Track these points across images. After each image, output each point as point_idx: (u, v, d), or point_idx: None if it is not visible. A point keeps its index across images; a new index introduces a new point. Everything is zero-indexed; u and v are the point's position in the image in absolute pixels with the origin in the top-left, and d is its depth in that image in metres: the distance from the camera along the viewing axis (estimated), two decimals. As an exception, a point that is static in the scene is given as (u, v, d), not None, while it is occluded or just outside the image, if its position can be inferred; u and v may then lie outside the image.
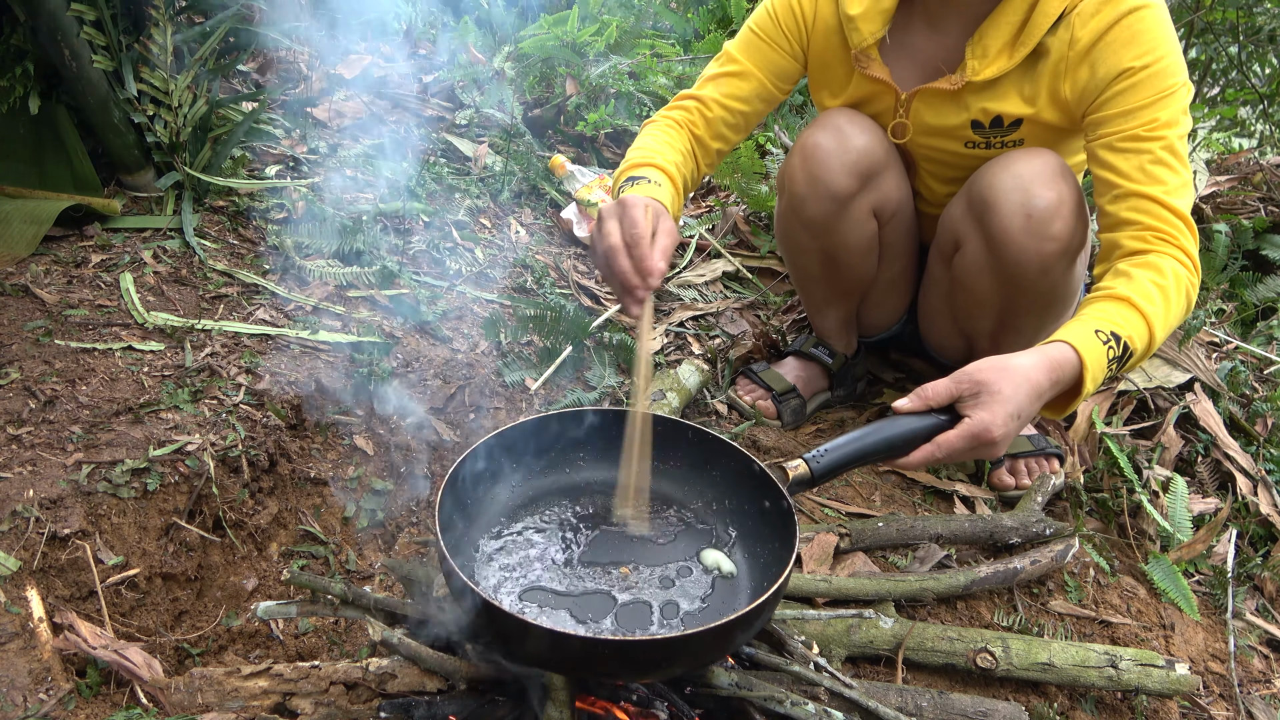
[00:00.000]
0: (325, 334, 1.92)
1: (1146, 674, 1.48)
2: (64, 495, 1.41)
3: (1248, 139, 4.50)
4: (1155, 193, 1.44)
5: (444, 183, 2.64)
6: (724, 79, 1.80)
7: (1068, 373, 1.29)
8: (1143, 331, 1.35)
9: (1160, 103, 1.46)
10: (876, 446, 1.23)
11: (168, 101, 2.12)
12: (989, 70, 1.60)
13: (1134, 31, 1.48)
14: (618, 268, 1.36)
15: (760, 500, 1.35)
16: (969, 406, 1.22)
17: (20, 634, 1.24)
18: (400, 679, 1.22)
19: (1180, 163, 1.47)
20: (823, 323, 2.11)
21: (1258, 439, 2.11)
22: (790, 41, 1.79)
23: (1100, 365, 1.30)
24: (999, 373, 1.22)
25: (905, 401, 1.25)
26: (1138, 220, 1.45)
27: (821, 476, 1.23)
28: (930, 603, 1.65)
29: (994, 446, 1.22)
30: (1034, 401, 1.25)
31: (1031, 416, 1.26)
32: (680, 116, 1.79)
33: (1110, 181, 1.49)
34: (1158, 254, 1.42)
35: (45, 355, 1.66)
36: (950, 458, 1.23)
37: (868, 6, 1.66)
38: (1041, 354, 1.28)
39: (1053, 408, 1.36)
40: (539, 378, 2.04)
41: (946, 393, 1.23)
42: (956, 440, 1.21)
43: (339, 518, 1.73)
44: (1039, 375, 1.25)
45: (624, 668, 1.13)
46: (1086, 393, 1.31)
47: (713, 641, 1.11)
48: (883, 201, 1.83)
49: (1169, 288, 1.39)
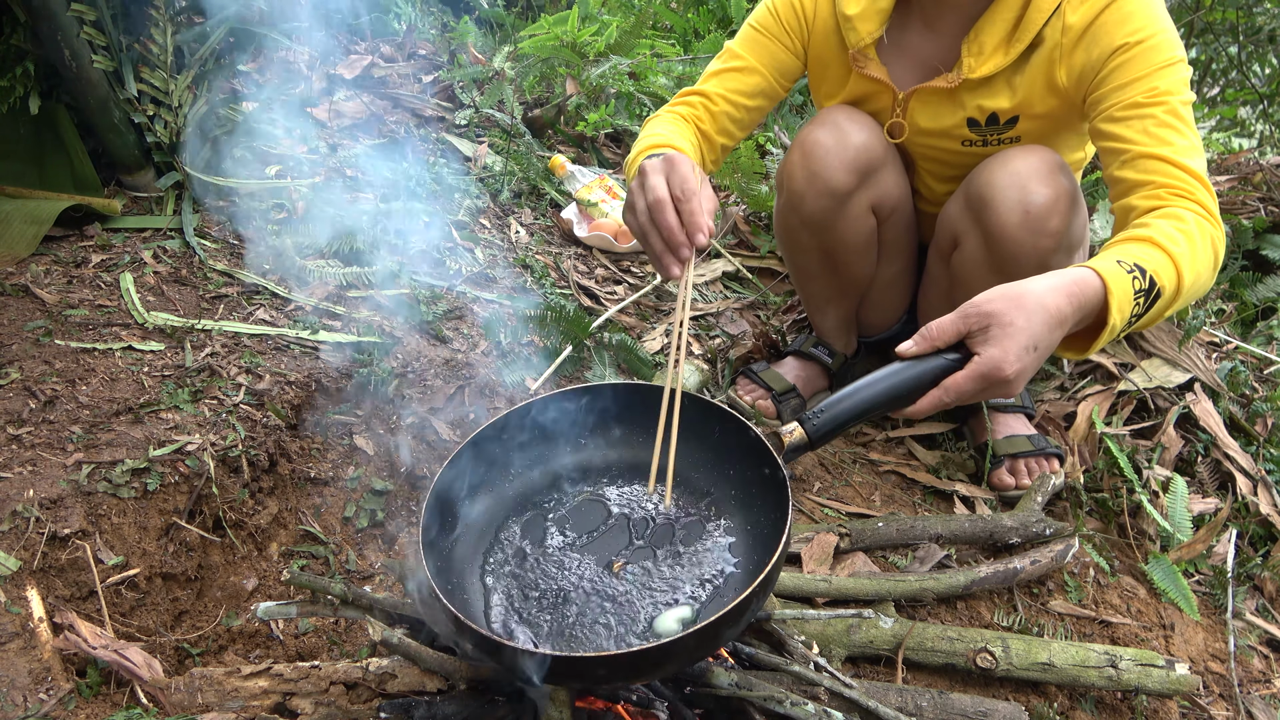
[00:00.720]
0: (325, 334, 1.92)
1: (1146, 674, 1.48)
2: (64, 495, 1.41)
3: (1248, 139, 4.50)
4: (1163, 152, 1.37)
5: (444, 183, 2.64)
6: (728, 74, 1.78)
7: (1091, 297, 1.16)
8: (1169, 270, 1.23)
9: (1158, 73, 1.42)
10: (879, 397, 1.12)
11: (168, 101, 2.12)
12: (985, 67, 1.60)
13: (1126, 12, 1.47)
14: (665, 222, 1.27)
15: (760, 467, 1.28)
16: (978, 342, 1.11)
17: (20, 634, 1.24)
18: (400, 679, 1.23)
19: (1187, 126, 1.40)
20: (823, 322, 2.11)
21: (1258, 439, 2.11)
22: (792, 38, 1.79)
23: (1126, 295, 1.18)
24: (1010, 301, 1.12)
25: (909, 344, 1.15)
26: (1149, 180, 1.36)
27: (820, 439, 1.13)
28: (930, 603, 1.65)
29: (1008, 384, 1.11)
30: (1053, 329, 1.12)
31: (1051, 347, 1.14)
32: (686, 112, 1.76)
33: (1116, 149, 1.42)
34: (1175, 206, 1.32)
35: (45, 355, 1.66)
36: (961, 399, 1.12)
37: (865, 6, 1.67)
38: (1060, 275, 1.16)
39: (1075, 343, 1.24)
40: (539, 378, 2.04)
41: (953, 329, 1.13)
42: (965, 382, 1.11)
43: (339, 518, 1.73)
44: (1057, 300, 1.13)
45: (613, 676, 1.12)
46: (1113, 326, 1.18)
47: (699, 643, 1.08)
48: (881, 198, 1.83)
49: (1193, 233, 1.28)
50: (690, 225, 1.27)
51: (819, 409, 1.13)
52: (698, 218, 1.27)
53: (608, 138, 3.21)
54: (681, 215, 1.28)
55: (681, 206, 1.28)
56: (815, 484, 1.94)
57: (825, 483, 1.95)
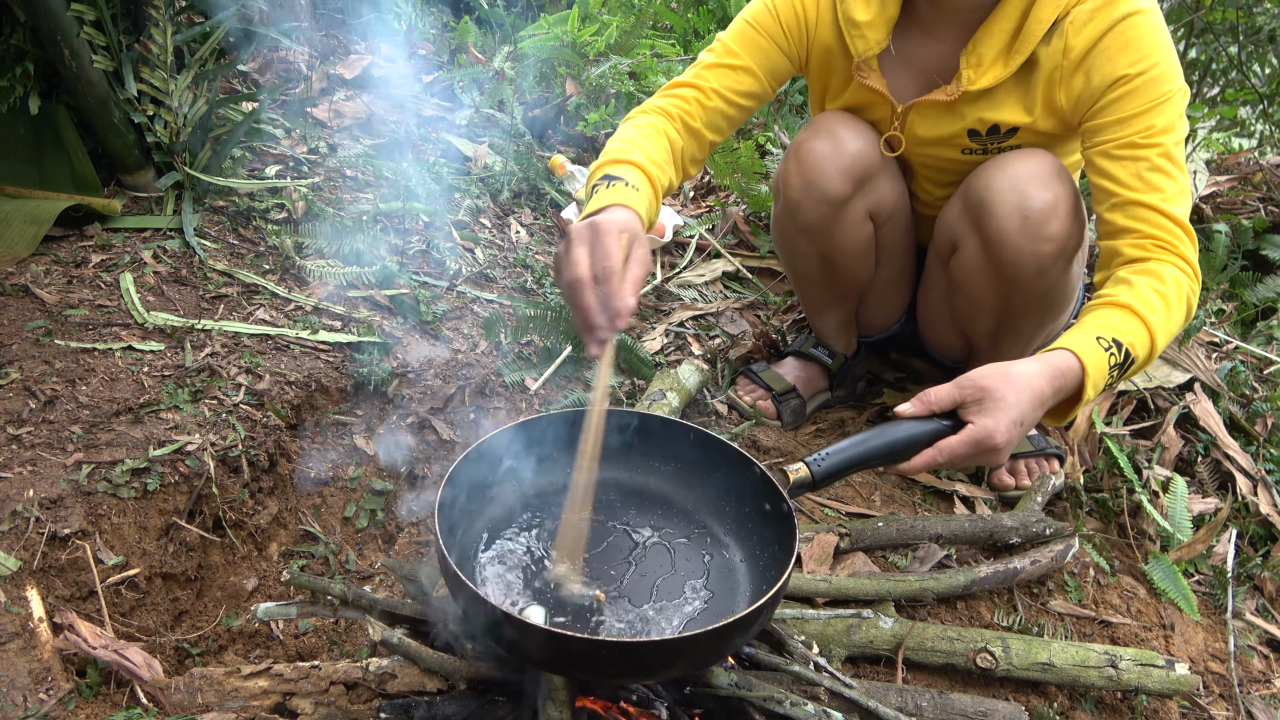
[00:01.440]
0: (325, 334, 1.92)
1: (1146, 674, 1.48)
2: (64, 495, 1.41)
3: (1248, 139, 4.50)
4: (1153, 200, 1.45)
5: (444, 183, 2.64)
6: (723, 70, 1.72)
7: (1070, 380, 1.29)
8: (1144, 339, 1.36)
9: (1156, 109, 1.46)
10: (878, 451, 1.23)
11: (168, 101, 2.12)
12: (984, 79, 1.59)
13: (1128, 39, 1.47)
14: (583, 303, 1.23)
15: (760, 503, 1.35)
16: (972, 413, 1.22)
17: (20, 634, 1.24)
18: (400, 679, 1.23)
19: (1178, 169, 1.47)
20: (822, 324, 2.11)
21: (1258, 439, 2.11)
22: (789, 41, 1.75)
23: (1102, 372, 1.31)
24: (1003, 379, 1.22)
25: (908, 406, 1.25)
26: (1137, 229, 1.45)
27: (823, 480, 1.22)
28: (930, 603, 1.65)
29: (997, 453, 1.22)
30: (1037, 409, 1.25)
31: (1034, 423, 1.27)
32: (674, 106, 1.70)
33: (1108, 190, 1.50)
34: (1158, 261, 1.43)
35: (45, 355, 1.66)
36: (952, 463, 1.23)
37: (875, 15, 1.64)
38: (1044, 361, 1.28)
39: (1054, 414, 1.37)
40: (539, 378, 2.04)
41: (949, 398, 1.23)
42: (959, 446, 1.21)
43: (339, 518, 1.73)
44: (1042, 383, 1.25)
45: (623, 669, 1.13)
46: (1088, 400, 1.32)
47: (710, 644, 1.11)
48: (878, 204, 1.83)
49: (1170, 295, 1.40)
50: (608, 307, 1.22)
51: (825, 453, 1.22)
52: (615, 300, 1.22)
53: (607, 138, 3.21)
54: (602, 296, 1.23)
55: (602, 287, 1.23)
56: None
57: (825, 483, 1.95)
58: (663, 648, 1.09)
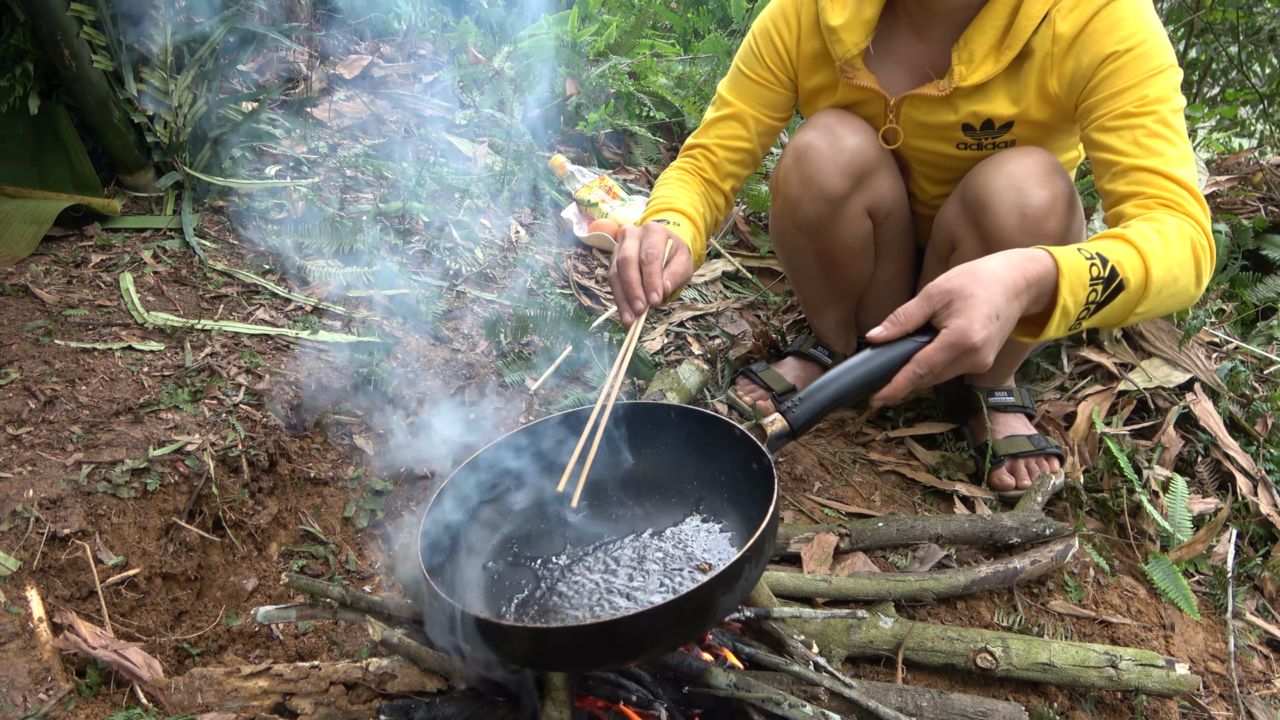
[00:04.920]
0: (325, 334, 1.92)
1: (1146, 674, 1.48)
2: (64, 495, 1.41)
3: (1248, 139, 4.50)
4: (1154, 164, 1.40)
5: (444, 183, 2.64)
6: (720, 123, 1.85)
7: (1041, 274, 1.22)
8: (1135, 262, 1.28)
9: (1148, 81, 1.44)
10: (855, 382, 1.18)
11: (168, 101, 2.12)
12: (976, 75, 1.59)
13: (1114, 20, 1.47)
14: (626, 276, 1.44)
15: (748, 463, 1.31)
16: (944, 317, 1.18)
17: (20, 634, 1.24)
18: (400, 679, 1.23)
19: (1177, 135, 1.43)
20: (821, 323, 2.11)
21: (1258, 439, 2.11)
22: (775, 73, 1.81)
23: (1080, 278, 1.24)
24: (968, 276, 1.19)
25: (880, 330, 1.20)
26: (1139, 192, 1.41)
27: (802, 427, 1.18)
28: (930, 603, 1.65)
29: (977, 353, 1.16)
30: (1010, 300, 1.19)
31: (1010, 319, 1.20)
32: (690, 166, 1.86)
33: (1107, 160, 1.46)
34: (1160, 213, 1.37)
35: (45, 355, 1.66)
36: (933, 372, 1.17)
37: (849, 17, 1.66)
38: (1012, 252, 1.23)
39: (1031, 328, 1.30)
40: (539, 378, 2.04)
41: (919, 311, 1.19)
42: (936, 353, 1.17)
43: (339, 518, 1.73)
44: (1010, 273, 1.19)
45: (610, 652, 1.10)
46: (1064, 306, 1.24)
47: (693, 609, 1.07)
48: (877, 201, 1.83)
49: (1169, 234, 1.32)
50: (648, 284, 1.44)
51: (798, 398, 1.19)
52: (654, 279, 1.44)
53: (607, 137, 3.21)
54: (643, 274, 1.44)
55: (644, 267, 1.45)
56: (815, 484, 1.94)
57: (825, 483, 1.95)
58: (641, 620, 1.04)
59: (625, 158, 3.21)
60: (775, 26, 1.78)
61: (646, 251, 1.45)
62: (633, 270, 1.44)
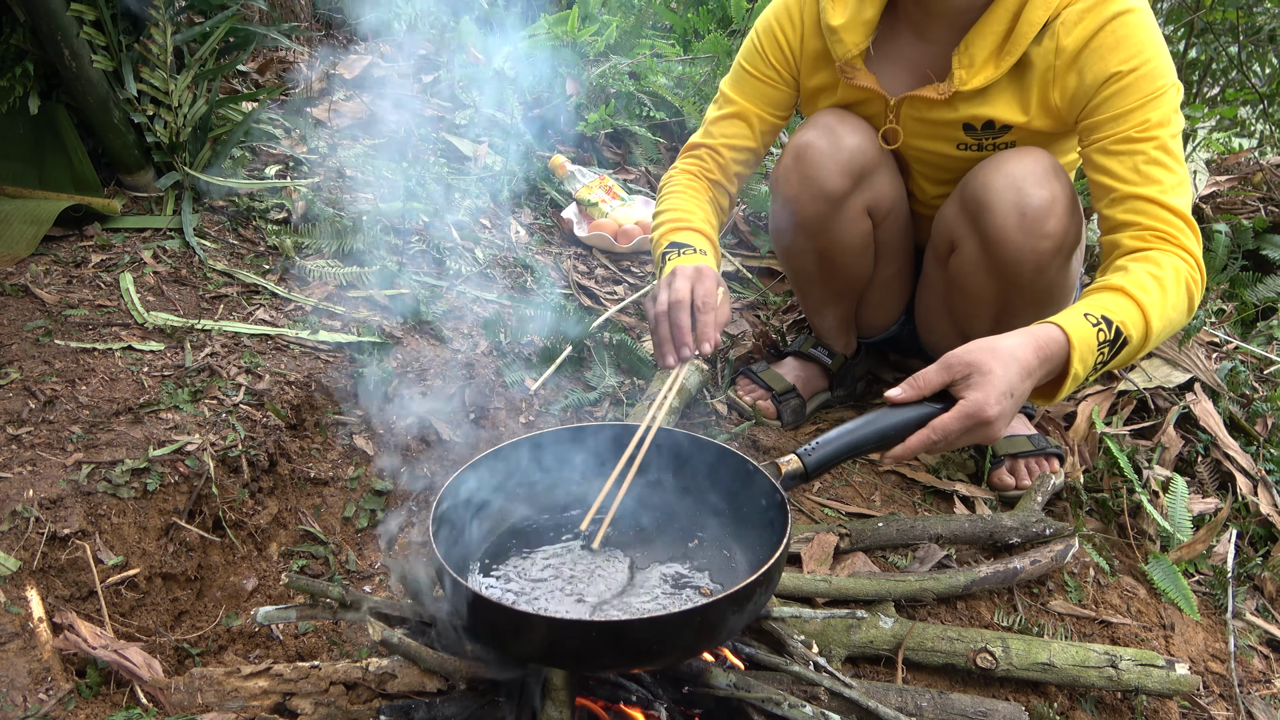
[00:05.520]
0: (325, 334, 1.92)
1: (1146, 674, 1.48)
2: (64, 495, 1.41)
3: (1248, 139, 4.50)
4: (1151, 193, 1.44)
5: (444, 183, 2.64)
6: (725, 122, 1.86)
7: (1055, 351, 1.28)
8: (1137, 318, 1.34)
9: (1150, 104, 1.47)
10: (870, 437, 1.22)
11: (168, 101, 2.12)
12: (976, 80, 1.60)
13: (1119, 36, 1.48)
14: (678, 319, 1.42)
15: (758, 499, 1.34)
16: (961, 389, 1.22)
17: (20, 634, 1.24)
18: (400, 679, 1.22)
19: (1175, 161, 1.47)
20: (821, 323, 2.11)
21: (1258, 439, 2.11)
22: (779, 71, 1.82)
23: (1089, 346, 1.29)
24: (988, 353, 1.23)
25: (898, 391, 1.25)
26: (1136, 221, 1.45)
27: (815, 471, 1.22)
28: (930, 603, 1.65)
29: (990, 426, 1.21)
30: (1024, 379, 1.24)
31: (1023, 395, 1.26)
32: (696, 167, 1.87)
33: (1106, 185, 1.50)
34: (1157, 250, 1.42)
35: (45, 355, 1.66)
36: (946, 440, 1.22)
37: (850, 17, 1.66)
38: (1028, 334, 1.28)
39: (1045, 393, 1.36)
40: (539, 378, 2.04)
41: (939, 378, 1.23)
42: (952, 422, 1.21)
43: (339, 518, 1.73)
44: (1027, 354, 1.25)
45: (616, 653, 1.12)
46: (1075, 374, 1.30)
47: (704, 622, 1.10)
48: (876, 201, 1.83)
49: (1166, 279, 1.39)
50: (701, 333, 1.43)
51: (816, 444, 1.23)
52: (707, 329, 1.43)
53: (608, 137, 3.21)
54: (696, 321, 1.43)
55: (699, 316, 1.44)
56: (815, 484, 1.94)
57: (825, 483, 1.95)
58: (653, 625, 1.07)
59: (625, 158, 3.21)
60: (779, 24, 1.78)
61: (702, 299, 1.44)
62: (685, 315, 1.43)
